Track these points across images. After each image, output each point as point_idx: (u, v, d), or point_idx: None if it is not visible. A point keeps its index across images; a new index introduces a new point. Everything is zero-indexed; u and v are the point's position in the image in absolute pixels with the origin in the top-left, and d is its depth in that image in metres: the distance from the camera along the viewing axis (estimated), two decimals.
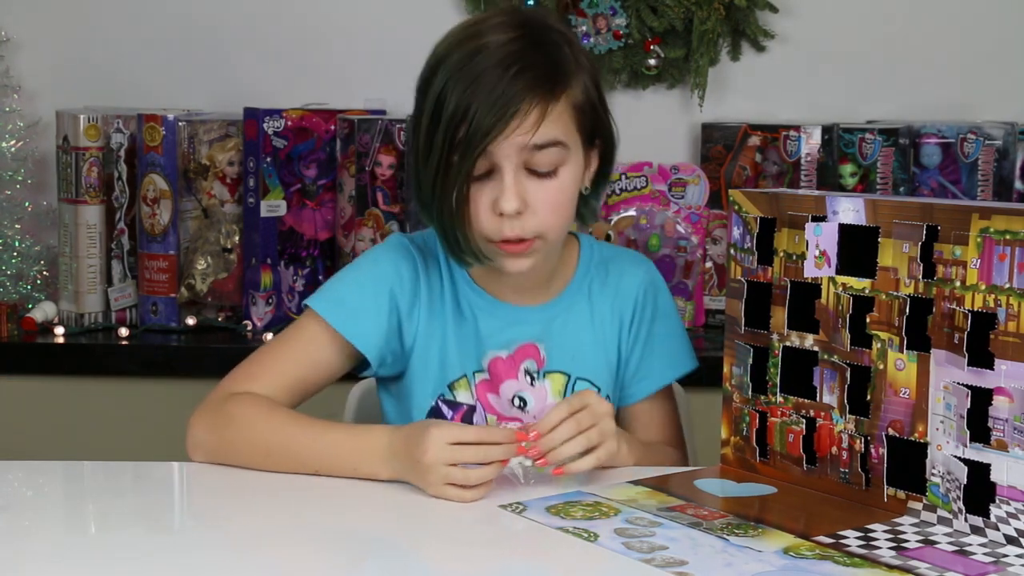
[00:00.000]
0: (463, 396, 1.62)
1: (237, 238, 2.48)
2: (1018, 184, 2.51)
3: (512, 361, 1.63)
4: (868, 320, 1.44)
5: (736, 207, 1.57)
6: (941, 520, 1.38)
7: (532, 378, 1.63)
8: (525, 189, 1.49)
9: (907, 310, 1.40)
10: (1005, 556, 1.29)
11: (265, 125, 2.41)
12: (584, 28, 2.56)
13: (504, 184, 1.48)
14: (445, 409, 1.57)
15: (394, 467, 1.45)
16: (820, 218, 1.48)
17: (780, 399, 1.53)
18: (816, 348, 1.49)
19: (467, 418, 1.54)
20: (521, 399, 1.63)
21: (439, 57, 1.50)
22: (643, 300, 1.67)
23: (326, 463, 1.48)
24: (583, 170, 1.56)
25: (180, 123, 2.44)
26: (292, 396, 1.59)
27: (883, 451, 1.43)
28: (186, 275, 2.47)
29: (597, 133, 1.56)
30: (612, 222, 2.50)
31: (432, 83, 1.49)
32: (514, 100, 1.45)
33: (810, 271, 1.49)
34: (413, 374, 1.63)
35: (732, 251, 1.58)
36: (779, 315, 1.53)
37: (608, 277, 1.67)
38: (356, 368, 1.64)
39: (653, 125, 2.63)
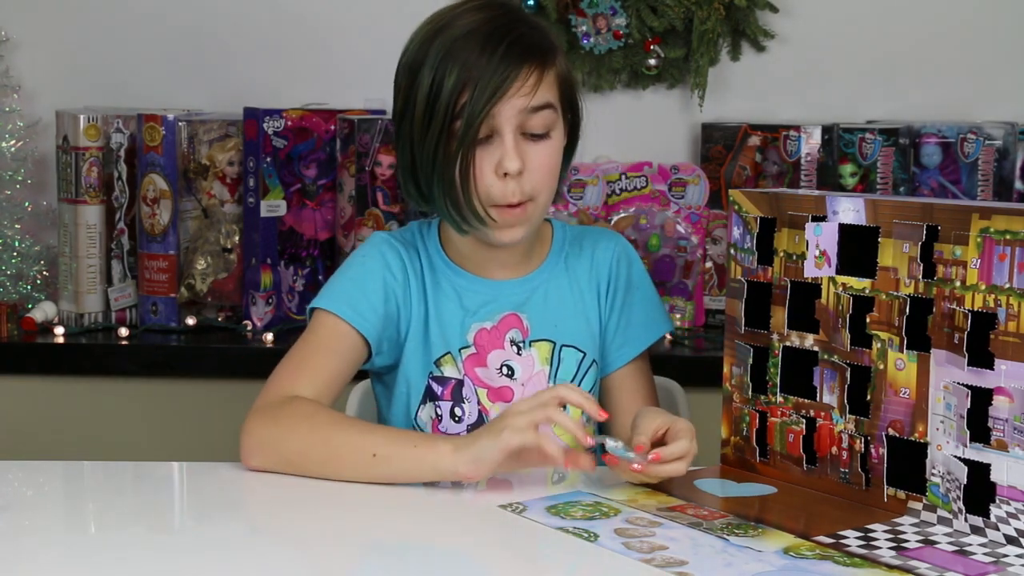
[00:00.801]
0: (450, 371, 1.67)
1: (237, 238, 2.48)
2: (1018, 184, 2.51)
3: (497, 332, 1.68)
4: (868, 320, 1.44)
5: (736, 207, 1.57)
6: (941, 520, 1.38)
7: (518, 348, 1.68)
8: (523, 151, 1.58)
9: (907, 310, 1.40)
10: (1005, 556, 1.29)
11: (265, 125, 2.41)
12: (584, 28, 2.56)
13: (505, 146, 1.56)
14: (435, 386, 1.66)
15: (460, 440, 1.46)
16: (820, 218, 1.48)
17: (780, 399, 1.53)
18: (816, 348, 1.49)
19: (456, 392, 1.66)
20: (508, 367, 1.68)
21: (421, 47, 1.59)
22: (616, 269, 1.74)
23: (386, 449, 1.48)
24: (563, 142, 1.65)
25: (180, 123, 2.44)
26: (332, 391, 1.63)
27: (883, 451, 1.43)
28: (186, 275, 2.47)
29: (571, 107, 1.65)
30: (612, 222, 2.50)
31: (421, 68, 1.57)
32: (514, 64, 1.55)
33: (810, 271, 1.49)
34: (407, 358, 1.67)
35: (732, 251, 1.58)
36: (779, 315, 1.53)
37: (583, 250, 1.74)
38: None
39: (653, 125, 2.63)
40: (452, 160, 1.56)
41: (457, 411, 1.66)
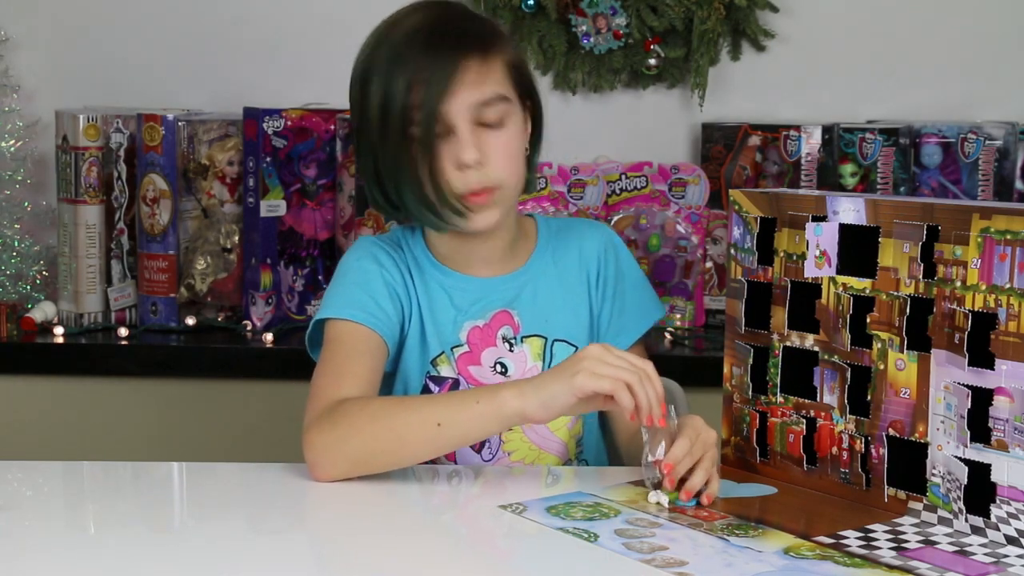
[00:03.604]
0: (446, 371, 1.67)
1: (237, 238, 2.48)
2: (1019, 184, 2.51)
3: (489, 329, 1.68)
4: (868, 320, 1.44)
5: (736, 207, 1.57)
6: (941, 520, 1.38)
7: (510, 344, 1.68)
8: (481, 142, 1.58)
9: (907, 310, 1.40)
10: (1005, 556, 1.29)
11: (265, 125, 2.41)
12: (584, 28, 2.56)
13: (461, 139, 1.57)
14: (432, 385, 1.66)
15: (525, 385, 1.46)
16: (820, 218, 1.48)
17: (780, 399, 1.53)
18: (816, 348, 1.49)
19: (453, 389, 1.65)
20: (502, 365, 1.68)
21: (368, 57, 1.61)
22: (605, 258, 1.74)
23: (449, 413, 1.47)
24: (524, 128, 1.65)
25: (180, 123, 2.44)
26: (376, 391, 1.61)
27: (883, 451, 1.43)
28: (186, 275, 2.47)
29: (528, 94, 1.66)
30: (612, 222, 2.50)
31: (371, 79, 1.59)
32: (459, 59, 1.56)
33: (810, 271, 1.49)
34: (405, 358, 1.67)
35: (732, 251, 1.58)
36: (779, 315, 1.53)
37: (569, 243, 1.74)
38: None
39: (653, 125, 2.63)
40: (416, 162, 1.57)
41: None
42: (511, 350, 1.68)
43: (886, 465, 1.43)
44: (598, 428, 1.74)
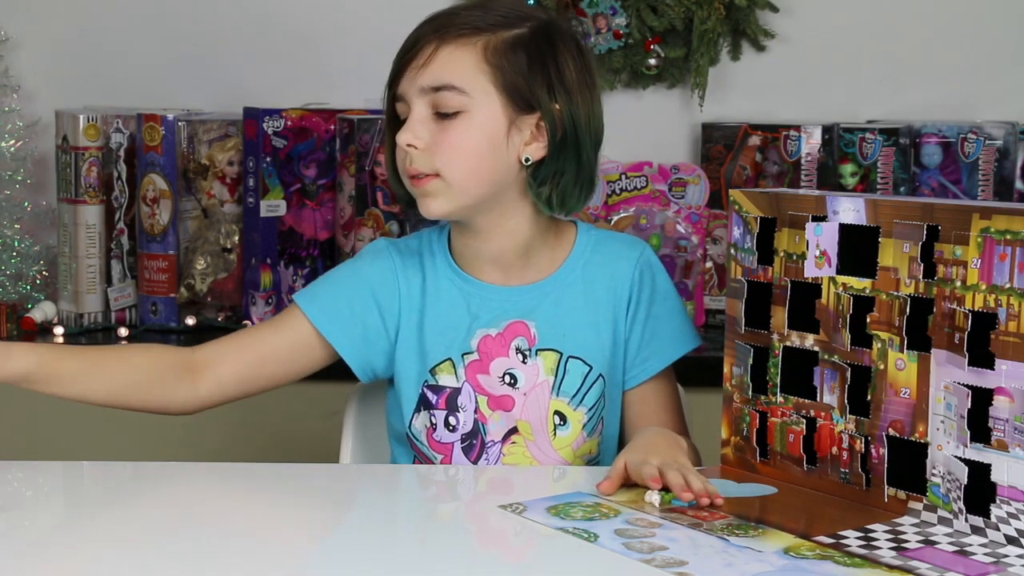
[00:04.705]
0: (446, 380, 1.64)
1: (237, 238, 2.48)
2: (1019, 184, 2.51)
3: (502, 339, 1.65)
4: (868, 320, 1.44)
5: (736, 207, 1.57)
6: (941, 520, 1.38)
7: (524, 356, 1.64)
8: (430, 129, 1.58)
9: (907, 310, 1.40)
10: (1005, 556, 1.29)
11: (265, 125, 2.41)
12: (584, 28, 2.56)
13: (410, 120, 1.59)
14: (429, 394, 1.63)
15: None
16: (820, 218, 1.48)
17: (780, 399, 1.53)
18: (816, 348, 1.49)
19: (451, 400, 1.62)
20: (512, 376, 1.64)
21: None
22: (640, 281, 1.68)
23: None
24: (504, 129, 1.59)
25: (180, 123, 2.44)
26: (240, 362, 1.66)
27: (883, 451, 1.43)
28: (186, 275, 2.47)
29: (534, 105, 1.60)
30: (612, 222, 2.50)
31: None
32: (412, 41, 1.60)
33: (810, 271, 1.49)
34: (399, 367, 1.66)
35: (732, 251, 1.58)
36: (779, 315, 1.52)
37: (605, 259, 1.69)
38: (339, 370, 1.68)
39: (653, 125, 2.63)
40: (385, 142, 1.64)
41: (451, 420, 1.63)
42: (524, 361, 1.64)
43: (886, 465, 1.43)
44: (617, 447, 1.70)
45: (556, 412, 1.64)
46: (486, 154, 1.59)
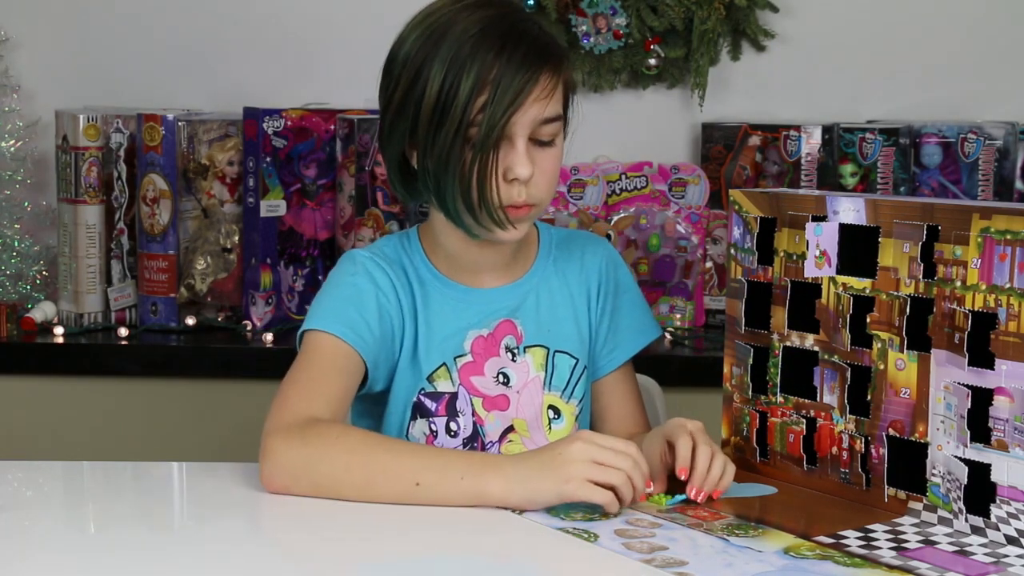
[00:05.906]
0: (443, 386, 1.64)
1: (237, 238, 2.48)
2: (1019, 184, 2.51)
3: (493, 338, 1.66)
4: (868, 320, 1.44)
5: (736, 207, 1.57)
6: (941, 520, 1.38)
7: (513, 354, 1.66)
8: (533, 157, 1.55)
9: (907, 310, 1.40)
10: (1005, 556, 1.29)
11: (265, 125, 2.41)
12: (584, 28, 2.56)
13: (517, 152, 1.54)
14: (427, 401, 1.63)
15: (511, 474, 1.41)
16: (820, 218, 1.48)
17: (780, 399, 1.53)
18: (816, 348, 1.49)
19: (450, 405, 1.62)
20: (504, 375, 1.66)
21: (424, 46, 1.54)
22: (606, 274, 1.73)
23: (431, 478, 1.43)
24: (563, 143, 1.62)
25: (180, 123, 2.44)
26: (344, 413, 1.58)
27: (883, 451, 1.43)
28: (186, 275, 2.47)
29: (568, 112, 1.62)
30: (612, 222, 2.50)
31: (427, 65, 1.52)
32: (533, 70, 1.52)
33: (810, 271, 1.49)
34: (398, 377, 1.64)
35: (732, 251, 1.58)
36: (779, 315, 1.53)
37: (571, 254, 1.72)
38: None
39: (653, 125, 2.63)
40: (467, 164, 1.52)
41: (452, 425, 1.64)
42: (514, 360, 1.66)
43: (886, 465, 1.43)
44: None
45: (550, 407, 1.66)
46: (559, 173, 1.62)
